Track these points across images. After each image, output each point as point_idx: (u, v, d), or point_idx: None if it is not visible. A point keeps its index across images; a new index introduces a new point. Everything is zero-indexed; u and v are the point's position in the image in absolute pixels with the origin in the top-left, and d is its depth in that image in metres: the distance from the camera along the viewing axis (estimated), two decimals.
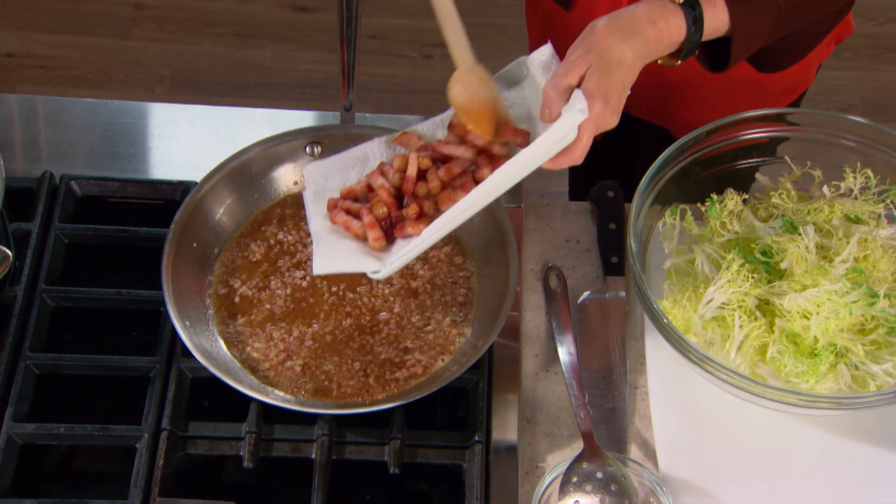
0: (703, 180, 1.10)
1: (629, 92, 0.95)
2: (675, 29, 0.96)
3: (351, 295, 1.10)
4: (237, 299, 1.09)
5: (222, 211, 1.13)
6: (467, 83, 1.01)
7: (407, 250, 0.96)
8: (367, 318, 1.08)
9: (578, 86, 0.94)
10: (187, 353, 1.03)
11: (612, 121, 0.94)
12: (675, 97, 1.26)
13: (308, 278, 1.10)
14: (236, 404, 1.03)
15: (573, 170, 1.60)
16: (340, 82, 1.13)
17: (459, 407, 1.10)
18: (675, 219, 1.09)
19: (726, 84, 1.19)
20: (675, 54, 0.98)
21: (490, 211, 1.10)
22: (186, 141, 1.25)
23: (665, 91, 1.26)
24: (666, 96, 1.26)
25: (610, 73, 0.93)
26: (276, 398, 1.01)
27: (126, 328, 1.12)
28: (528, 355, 1.11)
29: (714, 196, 1.08)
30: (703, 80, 1.16)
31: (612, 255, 1.15)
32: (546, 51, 0.99)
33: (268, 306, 1.08)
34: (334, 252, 0.99)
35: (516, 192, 1.20)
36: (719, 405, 1.05)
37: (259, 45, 2.44)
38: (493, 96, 1.01)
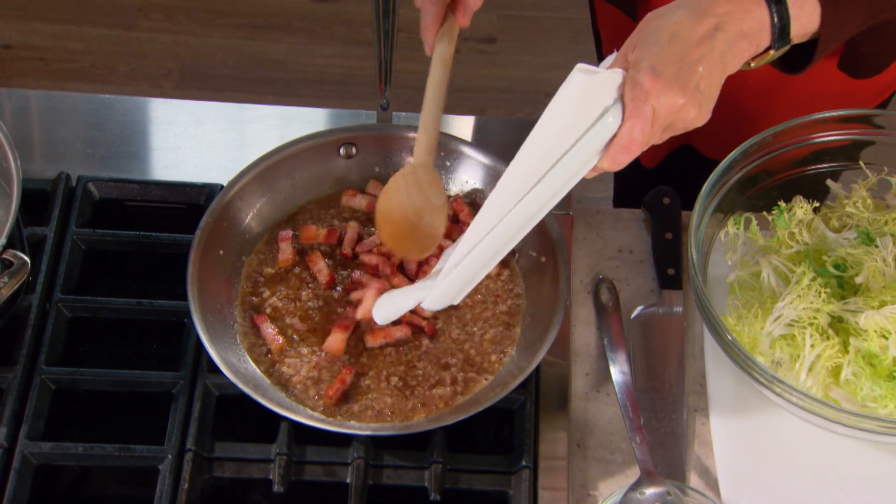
0: (770, 187, 1.10)
1: (705, 72, 0.85)
2: (751, 17, 0.89)
3: None
4: (267, 311, 1.09)
5: (251, 216, 1.13)
6: (401, 187, 1.01)
7: (449, 272, 0.97)
8: (406, 332, 1.09)
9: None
10: (213, 369, 1.03)
11: (685, 105, 0.84)
12: (740, 119, 1.22)
13: (341, 288, 1.11)
14: (266, 424, 1.03)
15: (618, 174, 1.60)
16: (376, 79, 1.13)
17: (503, 429, 1.10)
18: (738, 228, 1.09)
19: (804, 97, 1.16)
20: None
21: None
22: (209, 141, 1.25)
23: (727, 113, 1.23)
24: (728, 119, 1.20)
25: (657, 44, 0.85)
26: (309, 417, 1.02)
27: (147, 341, 1.12)
28: (577, 374, 1.11)
29: (782, 204, 1.08)
30: (776, 95, 1.14)
31: (669, 266, 1.15)
32: (610, 59, 0.92)
33: (299, 318, 1.09)
34: (384, 299, 1.03)
35: (564, 198, 1.20)
36: (787, 431, 1.05)
37: (274, 37, 2.46)
38: (425, 207, 1.00)
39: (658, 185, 1.20)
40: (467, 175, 1.16)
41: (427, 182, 1.02)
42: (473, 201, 1.16)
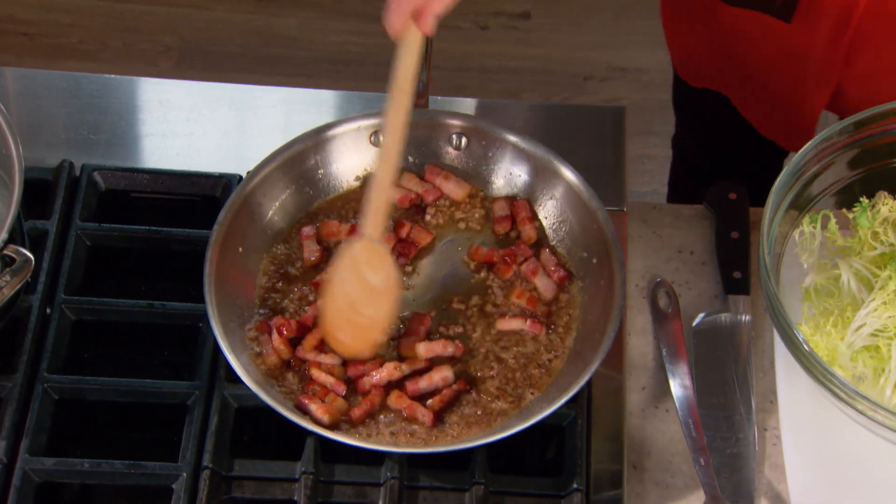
0: (852, 181, 1.11)
1: None
2: None
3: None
4: (290, 315, 1.10)
5: (273, 210, 1.14)
6: (335, 274, 1.01)
7: None
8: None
9: None
10: (232, 378, 1.04)
11: None
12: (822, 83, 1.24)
13: None
14: (290, 439, 1.04)
15: (677, 165, 1.60)
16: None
17: (550, 447, 1.11)
18: (815, 227, 1.09)
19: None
20: None
21: (590, 214, 1.12)
22: (225, 126, 1.26)
23: (802, 75, 1.25)
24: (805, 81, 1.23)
25: None
26: (338, 432, 1.03)
27: (159, 347, 1.13)
28: (633, 388, 1.12)
29: (864, 200, 1.08)
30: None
31: (735, 269, 1.15)
32: None
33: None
34: None
35: (618, 193, 1.21)
36: (870, 452, 1.05)
37: (283, 11, 2.47)
38: (362, 295, 1.00)
39: (720, 177, 1.21)
40: (515, 167, 1.17)
41: (366, 261, 1.00)
42: (533, 197, 1.16)
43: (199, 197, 1.19)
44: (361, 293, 1.03)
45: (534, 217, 1.15)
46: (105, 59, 2.42)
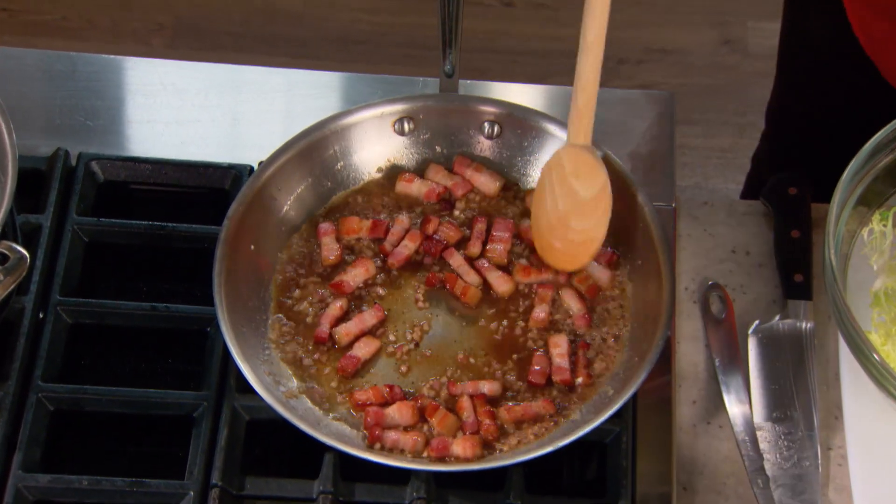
0: None
1: None
2: None
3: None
4: (308, 320, 1.10)
5: (289, 204, 1.14)
6: (544, 186, 1.00)
7: None
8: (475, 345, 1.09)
9: None
10: (244, 388, 1.04)
11: None
12: None
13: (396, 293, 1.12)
14: (306, 455, 1.04)
15: (759, 157, 1.57)
16: (440, 39, 1.14)
17: (591, 466, 1.10)
18: (886, 225, 1.08)
19: None
20: None
21: (637, 210, 1.11)
22: (234, 112, 1.26)
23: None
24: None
25: None
26: (357, 447, 1.02)
27: (163, 353, 1.13)
28: (683, 401, 1.11)
29: None
30: None
31: (795, 271, 1.15)
32: None
33: (345, 328, 1.10)
34: None
35: (666, 187, 1.21)
36: None
37: None
38: (570, 208, 1.00)
39: (781, 170, 1.20)
40: (550, 156, 1.16)
41: (572, 170, 1.01)
42: None
43: (207, 189, 1.18)
44: (571, 206, 1.02)
45: None
46: (92, 38, 2.42)
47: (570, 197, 1.04)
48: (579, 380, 1.06)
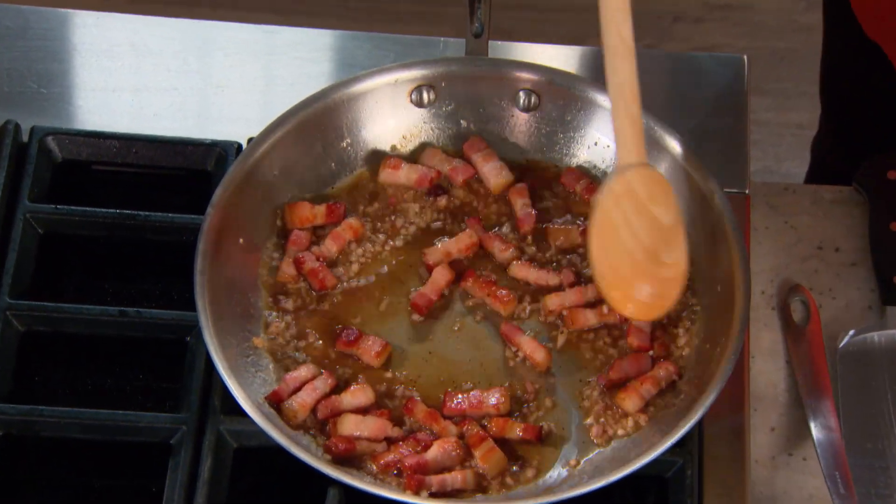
0: None
1: None
2: None
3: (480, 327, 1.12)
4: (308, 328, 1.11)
5: (284, 189, 1.14)
6: (614, 217, 1.00)
7: None
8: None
9: None
10: (231, 409, 1.05)
11: None
12: None
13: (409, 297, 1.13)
14: (305, 488, 1.05)
15: (825, 134, 1.57)
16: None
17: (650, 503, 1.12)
18: None
19: None
20: None
21: (704, 197, 1.11)
22: (219, 78, 1.27)
23: None
24: None
25: None
26: (367, 481, 1.03)
27: (134, 367, 1.14)
28: (759, 428, 1.12)
29: None
30: None
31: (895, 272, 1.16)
32: None
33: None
34: None
35: (739, 171, 1.21)
36: None
37: None
38: (657, 237, 1.00)
39: (876, 151, 1.21)
40: (598, 131, 1.18)
41: (648, 196, 1.00)
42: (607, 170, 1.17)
43: (186, 171, 1.19)
44: (658, 237, 1.01)
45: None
46: None
47: (654, 227, 1.02)
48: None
